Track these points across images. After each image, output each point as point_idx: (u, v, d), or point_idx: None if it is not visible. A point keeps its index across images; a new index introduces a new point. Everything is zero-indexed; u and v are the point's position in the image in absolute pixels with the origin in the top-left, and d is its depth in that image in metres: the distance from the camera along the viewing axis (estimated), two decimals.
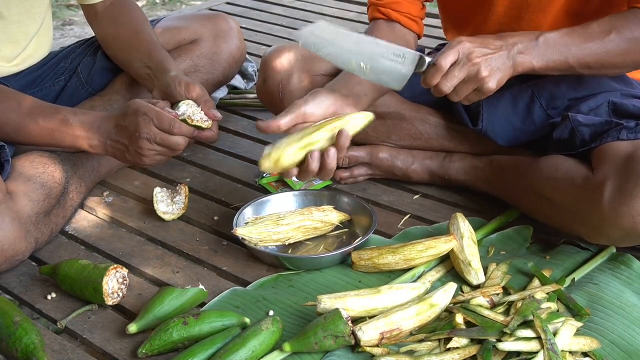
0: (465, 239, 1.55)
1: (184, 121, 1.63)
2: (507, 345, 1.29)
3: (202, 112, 1.68)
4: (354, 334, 1.32)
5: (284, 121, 1.51)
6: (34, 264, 1.65)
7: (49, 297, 1.53)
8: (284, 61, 1.81)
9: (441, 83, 1.48)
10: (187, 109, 1.66)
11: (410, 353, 1.33)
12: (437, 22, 1.99)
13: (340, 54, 1.50)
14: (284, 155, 1.48)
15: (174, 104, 1.69)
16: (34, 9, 1.85)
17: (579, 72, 1.56)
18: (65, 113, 1.67)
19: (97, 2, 1.96)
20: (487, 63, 1.48)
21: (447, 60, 1.47)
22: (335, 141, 1.49)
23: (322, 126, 1.50)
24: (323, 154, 1.49)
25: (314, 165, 1.49)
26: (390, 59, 1.49)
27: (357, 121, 1.53)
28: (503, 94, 1.74)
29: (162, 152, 1.65)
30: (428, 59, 1.49)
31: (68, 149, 1.74)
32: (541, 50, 1.52)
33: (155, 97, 1.79)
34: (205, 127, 1.66)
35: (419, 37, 1.81)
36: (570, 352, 1.29)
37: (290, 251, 1.65)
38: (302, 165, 1.50)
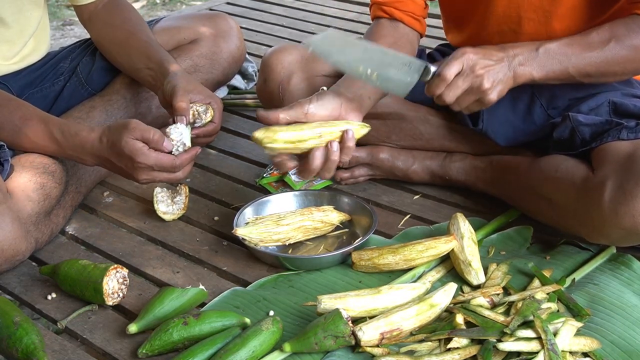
0: (465, 239, 1.55)
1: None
2: (507, 345, 1.29)
3: (189, 134, 1.66)
4: (354, 334, 1.32)
5: (283, 115, 1.52)
6: (34, 264, 1.65)
7: (49, 297, 1.53)
8: (284, 61, 1.81)
9: (444, 93, 1.51)
10: (177, 136, 1.65)
11: (410, 353, 1.33)
12: (438, 22, 1.99)
13: (349, 61, 1.52)
14: (278, 132, 1.48)
15: (166, 125, 1.67)
16: (24, 6, 1.84)
17: (579, 81, 1.58)
18: (54, 129, 1.63)
19: (88, 3, 1.96)
20: (490, 75, 1.50)
21: (451, 71, 1.49)
22: (341, 139, 1.50)
23: (322, 125, 1.51)
24: (326, 148, 1.50)
25: (316, 162, 1.50)
26: (396, 67, 1.52)
27: (356, 130, 1.54)
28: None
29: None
30: (433, 69, 1.51)
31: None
32: (541, 60, 1.53)
33: (160, 101, 1.80)
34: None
35: (421, 36, 1.81)
36: (570, 352, 1.29)
37: (290, 251, 1.65)
38: (302, 159, 1.51)
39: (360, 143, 1.86)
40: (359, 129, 1.55)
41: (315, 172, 1.52)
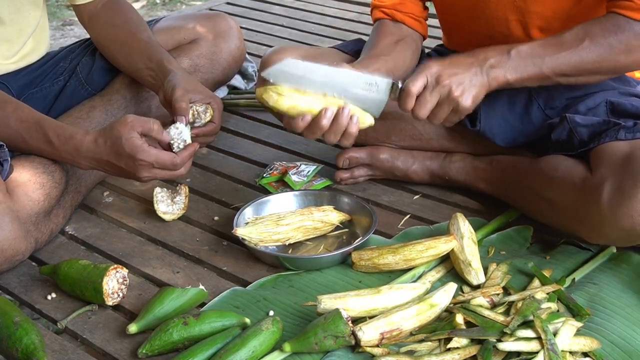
0: (465, 239, 1.55)
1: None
2: (507, 345, 1.29)
3: (189, 133, 1.67)
4: (354, 334, 1.32)
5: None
6: (34, 264, 1.65)
7: (49, 297, 1.53)
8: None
9: (416, 109, 1.50)
10: (177, 135, 1.65)
11: (410, 353, 1.33)
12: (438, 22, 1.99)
13: (312, 89, 1.49)
14: (285, 89, 1.47)
15: (166, 125, 1.67)
16: (23, 6, 1.85)
17: (556, 81, 1.56)
18: (49, 132, 1.62)
19: (87, 2, 1.95)
20: (457, 82, 1.49)
21: (415, 85, 1.49)
22: (336, 114, 1.48)
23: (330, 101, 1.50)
24: (337, 110, 1.48)
25: (325, 120, 1.46)
26: (363, 88, 1.50)
27: (362, 118, 1.53)
28: (500, 95, 1.74)
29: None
30: (401, 85, 1.50)
31: None
32: (514, 63, 1.52)
33: (160, 101, 1.80)
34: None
35: (424, 38, 1.81)
36: (570, 352, 1.29)
37: (290, 251, 1.65)
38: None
39: (360, 144, 1.87)
40: (366, 117, 1.53)
41: (323, 130, 1.48)
